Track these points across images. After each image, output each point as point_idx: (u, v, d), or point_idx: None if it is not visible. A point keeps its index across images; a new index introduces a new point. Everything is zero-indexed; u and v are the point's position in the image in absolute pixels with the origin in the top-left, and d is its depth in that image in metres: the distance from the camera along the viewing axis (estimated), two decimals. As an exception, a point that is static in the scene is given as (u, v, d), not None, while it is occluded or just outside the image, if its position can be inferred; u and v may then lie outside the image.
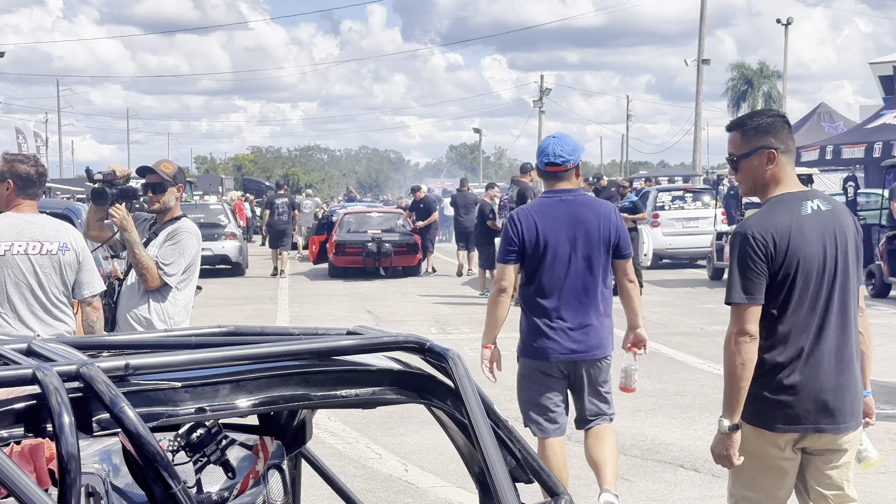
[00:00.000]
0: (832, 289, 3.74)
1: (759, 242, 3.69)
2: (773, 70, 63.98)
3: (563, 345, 5.29)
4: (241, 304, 17.81)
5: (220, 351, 2.54)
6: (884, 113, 23.97)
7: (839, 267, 3.75)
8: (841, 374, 3.77)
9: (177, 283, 5.78)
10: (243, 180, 71.85)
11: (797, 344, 3.73)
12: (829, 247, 3.73)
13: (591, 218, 5.27)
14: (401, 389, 2.76)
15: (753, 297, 3.69)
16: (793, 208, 3.74)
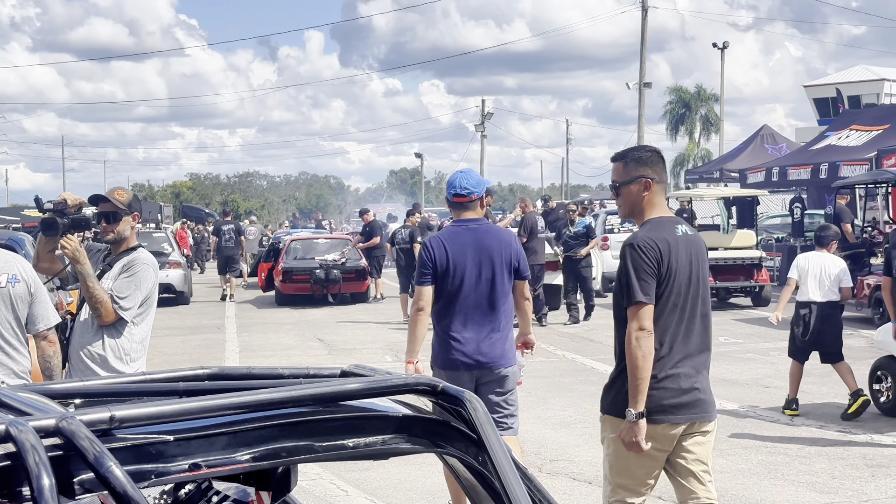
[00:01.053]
0: (696, 299, 4.35)
1: (650, 249, 4.25)
2: (710, 93, 64.65)
3: (472, 356, 5.77)
4: (188, 333, 17.37)
5: (215, 399, 2.26)
6: (828, 135, 24.17)
7: (700, 281, 4.37)
8: (703, 371, 4.36)
9: (133, 317, 5.44)
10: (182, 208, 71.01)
11: (669, 345, 4.26)
12: (693, 265, 4.34)
13: (495, 244, 5.82)
14: (412, 437, 2.50)
15: (649, 297, 4.22)
16: (670, 230, 4.34)
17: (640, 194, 4.39)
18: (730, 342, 14.37)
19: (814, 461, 7.64)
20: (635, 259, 4.25)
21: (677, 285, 4.29)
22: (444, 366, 5.83)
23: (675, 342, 4.28)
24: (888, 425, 8.76)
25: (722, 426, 8.83)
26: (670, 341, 4.28)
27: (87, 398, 2.55)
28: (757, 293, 18.55)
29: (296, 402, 2.35)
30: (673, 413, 4.26)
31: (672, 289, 4.27)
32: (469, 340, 5.76)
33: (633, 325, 4.19)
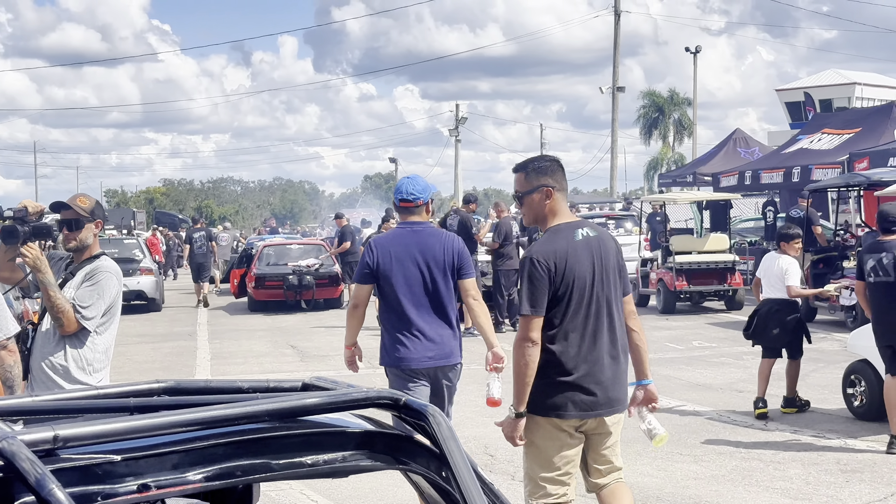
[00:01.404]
0: (601, 299, 4.60)
1: (542, 264, 4.54)
2: (683, 97, 64.89)
3: (422, 353, 5.96)
4: (158, 341, 17.20)
5: (165, 416, 2.16)
6: (800, 138, 24.24)
7: (605, 281, 4.62)
8: (613, 368, 4.63)
9: (96, 326, 5.32)
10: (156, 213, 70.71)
11: (577, 344, 4.57)
12: (596, 265, 4.59)
13: (437, 246, 6.04)
14: (374, 453, 2.42)
15: (536, 310, 4.53)
16: (568, 235, 4.60)
17: (542, 203, 4.67)
18: (703, 346, 14.35)
19: (788, 466, 7.59)
20: (529, 273, 4.58)
21: (579, 288, 4.57)
22: (393, 364, 6.03)
23: (584, 342, 4.59)
24: (862, 429, 8.73)
25: (695, 431, 8.81)
26: (578, 342, 4.58)
27: (32, 416, 2.44)
28: (730, 297, 18.55)
29: (251, 418, 2.26)
30: (583, 409, 4.60)
31: (574, 292, 4.56)
32: (415, 340, 5.96)
33: (519, 335, 4.58)
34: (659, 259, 19.13)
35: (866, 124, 22.24)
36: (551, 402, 4.58)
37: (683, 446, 8.32)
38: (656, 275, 18.88)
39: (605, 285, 4.62)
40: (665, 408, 9.97)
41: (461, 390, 11.17)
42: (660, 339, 15.20)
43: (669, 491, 7.04)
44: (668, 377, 11.77)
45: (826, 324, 16.08)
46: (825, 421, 9.17)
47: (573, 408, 4.57)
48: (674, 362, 12.88)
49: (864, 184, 15.86)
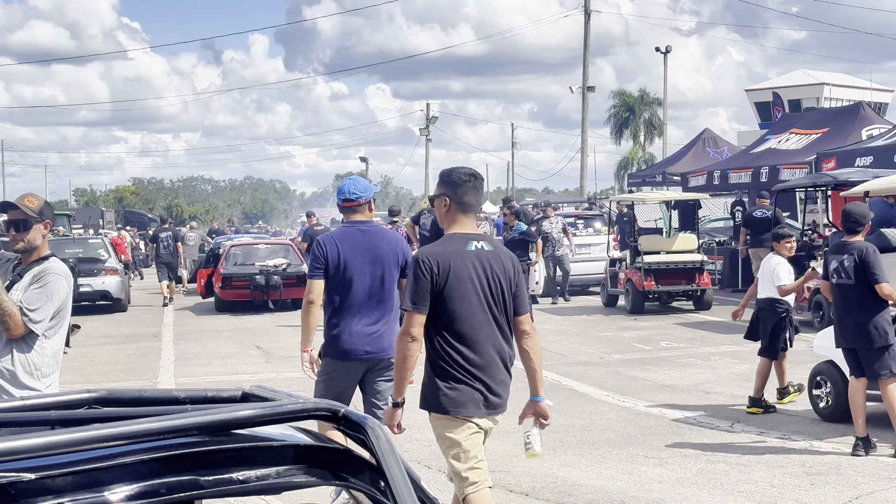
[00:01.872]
0: (488, 307, 4.86)
1: (426, 264, 4.81)
2: (654, 97, 65.02)
3: (361, 347, 6.21)
4: (123, 342, 16.99)
5: (84, 431, 2.04)
6: (768, 138, 24.27)
7: (496, 293, 4.88)
8: (500, 373, 4.95)
9: (44, 330, 5.17)
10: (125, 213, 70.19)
11: (472, 349, 4.84)
12: (486, 277, 4.86)
13: (383, 244, 6.31)
14: (311, 468, 2.30)
15: (418, 307, 4.79)
16: (459, 244, 4.88)
17: (442, 210, 5.01)
18: (671, 346, 14.30)
19: (753, 469, 7.53)
20: (414, 271, 4.86)
21: (462, 294, 4.83)
22: (335, 356, 6.25)
23: (469, 347, 4.85)
24: (828, 431, 8.69)
25: (661, 434, 8.74)
26: (463, 346, 4.86)
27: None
28: (699, 297, 18.52)
29: (179, 431, 2.14)
30: (474, 408, 4.89)
31: (458, 298, 4.82)
32: (358, 332, 6.20)
33: (402, 329, 4.88)
34: (627, 259, 19.09)
35: (834, 124, 22.30)
36: (451, 401, 4.86)
37: (649, 449, 8.25)
38: (625, 275, 18.84)
39: (492, 297, 4.88)
40: (631, 409, 9.92)
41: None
42: (627, 339, 15.15)
43: (634, 494, 6.96)
44: (635, 378, 11.71)
45: (793, 324, 16.07)
46: (791, 422, 9.13)
47: (472, 406, 4.87)
48: (641, 363, 12.82)
49: (831, 184, 15.87)
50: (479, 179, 5.08)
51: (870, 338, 7.72)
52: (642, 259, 18.23)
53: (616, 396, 10.59)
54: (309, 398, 2.36)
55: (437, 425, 4.95)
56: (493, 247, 4.98)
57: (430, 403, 4.93)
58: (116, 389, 2.77)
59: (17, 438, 1.96)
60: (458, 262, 4.82)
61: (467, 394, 4.85)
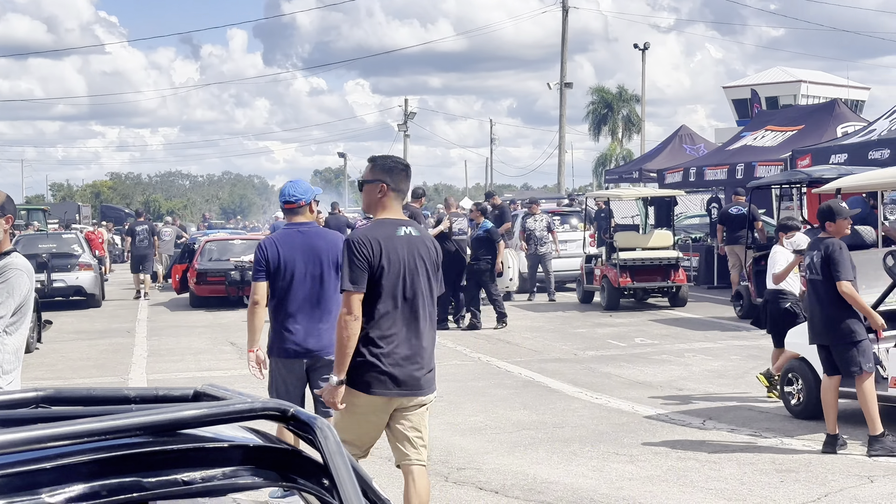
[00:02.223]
0: (416, 290, 5.09)
1: (362, 245, 5.01)
2: (632, 94, 65.12)
3: (303, 345, 6.40)
4: (95, 337, 16.86)
5: (24, 431, 1.98)
6: (744, 135, 24.32)
7: (419, 275, 5.12)
8: (422, 353, 5.10)
9: (4, 326, 5.10)
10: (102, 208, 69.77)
11: (392, 330, 5.04)
12: (412, 261, 5.10)
13: (322, 245, 6.50)
14: (258, 469, 2.26)
15: (358, 286, 4.99)
16: (390, 229, 5.12)
17: (375, 195, 5.19)
18: (645, 343, 14.29)
19: (723, 466, 7.52)
20: (350, 252, 5.04)
21: (392, 277, 5.04)
22: (279, 354, 6.47)
23: (395, 327, 5.06)
24: (798, 428, 8.69)
25: (633, 431, 8.73)
26: (389, 326, 5.05)
27: None
28: (674, 294, 18.54)
29: (122, 432, 2.08)
30: (391, 388, 5.06)
31: (388, 280, 5.04)
32: (300, 331, 6.40)
33: (343, 310, 5.03)
34: (603, 255, 19.09)
35: (809, 122, 22.37)
36: (364, 379, 5.05)
37: (620, 446, 8.24)
38: (601, 271, 18.84)
39: (418, 279, 5.14)
40: (604, 406, 9.91)
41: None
42: (602, 336, 15.15)
43: (604, 492, 6.94)
44: (609, 375, 11.70)
45: (768, 320, 16.10)
46: (763, 419, 9.13)
47: (380, 387, 5.05)
48: (615, 360, 12.81)
49: (805, 181, 15.87)
50: (410, 169, 5.37)
51: (838, 333, 7.73)
52: (618, 255, 18.23)
53: (589, 393, 10.57)
54: (259, 397, 2.32)
55: (348, 398, 5.10)
56: (419, 232, 5.25)
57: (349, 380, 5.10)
58: (65, 388, 2.72)
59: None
60: (390, 247, 5.06)
61: (387, 372, 5.04)
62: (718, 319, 16.69)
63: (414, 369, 5.09)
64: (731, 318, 16.67)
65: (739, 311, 16.71)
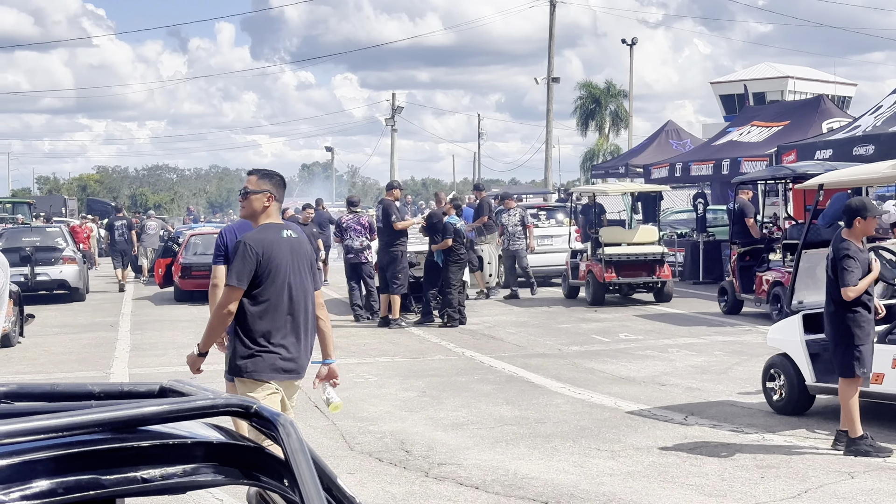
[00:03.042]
0: (296, 285, 5.76)
1: (252, 248, 5.68)
2: (620, 89, 65.09)
3: None
4: (78, 331, 16.79)
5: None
6: (730, 130, 24.34)
7: (299, 273, 5.80)
8: (302, 342, 5.78)
9: (-21, 320, 5.05)
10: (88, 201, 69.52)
11: (277, 322, 5.69)
12: (293, 260, 5.78)
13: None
14: (220, 466, 2.22)
15: (241, 283, 5.63)
16: (275, 233, 5.81)
17: (262, 203, 5.83)
18: (629, 339, 14.29)
19: (704, 462, 7.51)
20: (241, 253, 5.66)
21: (276, 274, 5.70)
22: None
23: (278, 320, 5.69)
24: (780, 424, 8.68)
25: (615, 426, 8.72)
26: (273, 319, 5.68)
27: None
28: (659, 289, 18.54)
29: (79, 428, 2.05)
30: (279, 373, 5.73)
31: (275, 277, 5.69)
32: None
33: (222, 302, 5.68)
34: (589, 251, 19.08)
35: (795, 117, 22.40)
36: (256, 366, 5.66)
37: (601, 441, 8.22)
38: (586, 266, 18.82)
39: (298, 276, 5.81)
40: (587, 402, 9.89)
41: (382, 384, 11.00)
42: (587, 331, 15.14)
43: (584, 488, 6.92)
44: (592, 370, 11.69)
45: (752, 316, 16.13)
46: (745, 415, 9.12)
47: (271, 371, 5.68)
48: (598, 355, 12.80)
49: (790, 176, 15.86)
50: (285, 180, 6.13)
51: (837, 333, 7.67)
52: (603, 251, 18.22)
53: (572, 388, 10.56)
54: (222, 393, 2.28)
55: (240, 388, 5.71)
56: (297, 234, 5.98)
57: (234, 369, 5.72)
58: (28, 384, 2.68)
59: None
60: (275, 249, 5.73)
61: (268, 360, 5.66)
62: (703, 315, 16.70)
63: (297, 356, 5.76)
64: (716, 313, 16.69)
65: (724, 306, 16.72)
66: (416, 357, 13.10)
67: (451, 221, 16.13)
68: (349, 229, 17.00)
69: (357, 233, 16.97)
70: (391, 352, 13.58)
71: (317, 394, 6.78)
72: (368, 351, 13.71)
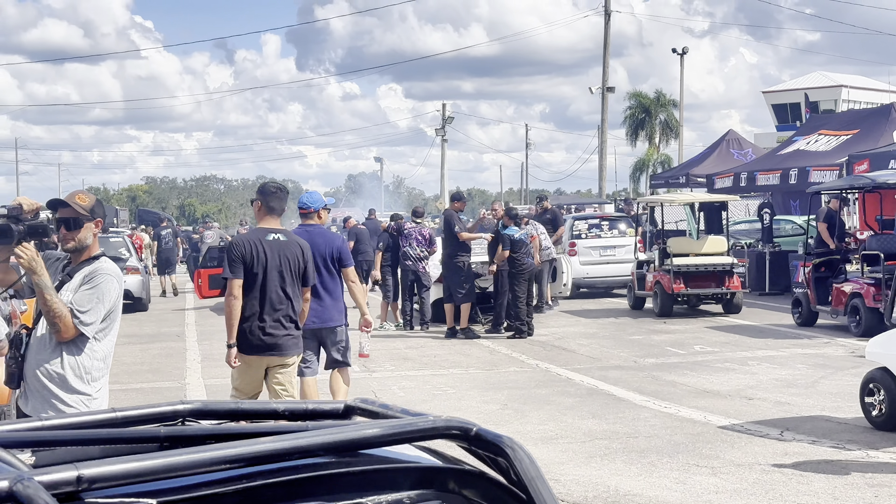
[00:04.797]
0: (281, 281, 7.05)
1: (238, 246, 7.10)
2: (669, 99, 64.61)
3: (311, 318, 8.03)
4: (147, 342, 16.84)
5: (207, 450, 1.84)
6: (797, 139, 23.98)
7: (284, 270, 7.07)
8: (280, 326, 7.05)
9: (94, 332, 4.96)
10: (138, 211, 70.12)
11: (261, 308, 7.01)
12: (278, 259, 7.05)
13: (321, 241, 8.59)
14: (442, 493, 2.10)
15: (235, 275, 7.00)
16: (263, 235, 7.13)
17: (255, 210, 7.33)
18: (706, 351, 14.04)
19: (811, 480, 7.28)
20: (230, 251, 7.15)
21: (260, 269, 6.99)
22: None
23: (264, 306, 7.01)
24: (883, 440, 8.43)
25: (710, 441, 8.51)
26: (259, 306, 7.00)
27: (45, 447, 2.09)
28: (728, 300, 18.25)
29: (304, 452, 1.93)
30: (259, 352, 7.06)
31: (258, 272, 6.99)
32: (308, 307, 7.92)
33: (227, 293, 7.08)
34: (656, 261, 18.83)
35: (864, 126, 22.00)
36: (245, 343, 7.03)
37: (699, 457, 8.02)
38: (653, 277, 18.57)
39: (283, 273, 7.06)
40: (675, 416, 9.69)
41: (462, 397, 10.80)
42: (660, 343, 14.91)
43: (691, 505, 6.73)
44: (674, 383, 11.48)
45: (828, 328, 15.81)
46: (843, 431, 8.87)
47: (251, 350, 7.04)
48: (677, 367, 12.58)
49: (870, 186, 15.55)
50: (284, 191, 7.40)
51: None
52: (671, 261, 17.97)
53: (657, 402, 10.35)
54: (437, 416, 2.15)
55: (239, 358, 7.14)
56: (286, 237, 7.19)
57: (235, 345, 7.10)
58: (212, 402, 2.57)
59: (136, 460, 1.76)
60: (259, 249, 7.03)
61: (255, 338, 7.00)
62: (776, 327, 16.40)
63: (277, 336, 7.02)
64: (789, 325, 16.38)
65: (798, 318, 16.41)
66: (489, 369, 12.95)
67: (508, 233, 15.84)
68: (410, 237, 17.03)
69: (418, 242, 16.99)
70: (464, 363, 13.44)
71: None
72: (440, 363, 13.58)
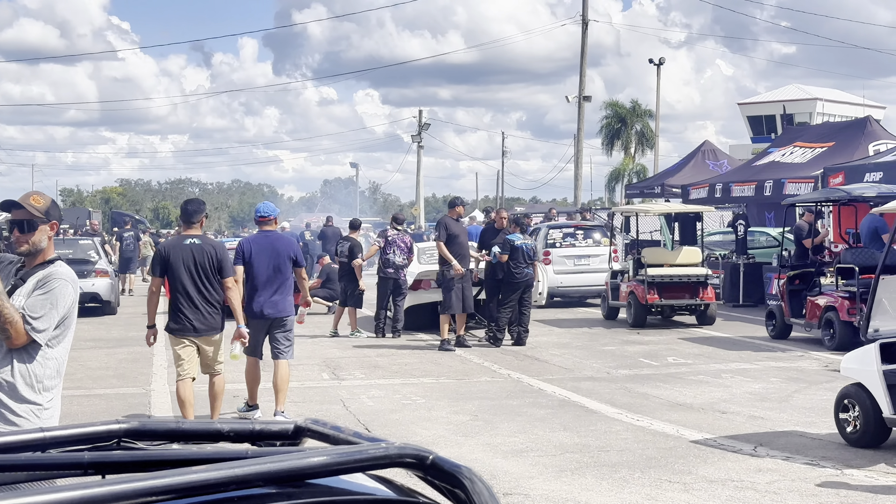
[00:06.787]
0: (197, 276, 8.93)
1: (160, 252, 9.14)
2: (646, 109, 64.74)
3: (266, 309, 9.98)
4: (113, 346, 16.57)
5: (133, 480, 1.66)
6: (772, 151, 23.94)
7: (199, 268, 8.92)
8: (202, 312, 8.96)
9: (47, 339, 4.76)
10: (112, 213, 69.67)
11: (185, 299, 8.92)
12: (192, 259, 8.90)
13: (280, 245, 10.10)
14: (394, 526, 1.92)
15: (155, 274, 9.11)
16: (181, 241, 9.03)
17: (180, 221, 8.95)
18: (679, 363, 13.92)
19: (786, 497, 7.14)
20: (156, 255, 9.30)
21: (179, 268, 8.88)
22: (251, 316, 9.87)
23: (183, 297, 8.89)
24: (857, 457, 8.30)
25: (682, 456, 8.37)
26: (180, 297, 8.92)
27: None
28: (702, 311, 18.16)
29: (242, 482, 1.75)
30: (182, 333, 9.01)
31: (177, 270, 8.86)
32: (264, 300, 9.94)
33: (150, 288, 9.10)
34: (630, 271, 18.72)
35: (840, 138, 21.97)
36: (178, 327, 8.97)
37: (672, 472, 7.87)
38: (627, 287, 18.45)
39: (199, 270, 8.91)
40: (647, 429, 9.54)
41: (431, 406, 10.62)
42: (633, 353, 14.78)
43: (662, 523, 6.57)
44: (647, 395, 11.34)
45: (802, 341, 15.73)
46: (817, 447, 8.74)
47: (188, 332, 8.98)
48: (649, 379, 12.45)
49: (845, 199, 15.50)
50: (200, 203, 9.31)
51: None
52: (646, 272, 17.86)
53: (629, 415, 10.21)
54: (390, 442, 1.98)
55: (170, 342, 9.24)
56: (200, 241, 8.97)
57: (168, 329, 9.06)
58: (148, 420, 2.42)
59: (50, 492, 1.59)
60: (176, 252, 8.92)
61: (182, 323, 8.93)
62: (750, 339, 16.32)
63: (196, 322, 8.92)
64: (763, 337, 16.30)
65: (772, 330, 16.33)
66: (461, 378, 12.78)
67: (510, 238, 15.63)
68: (394, 244, 16.75)
69: (401, 250, 16.75)
70: (435, 372, 13.26)
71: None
72: (411, 371, 13.40)
